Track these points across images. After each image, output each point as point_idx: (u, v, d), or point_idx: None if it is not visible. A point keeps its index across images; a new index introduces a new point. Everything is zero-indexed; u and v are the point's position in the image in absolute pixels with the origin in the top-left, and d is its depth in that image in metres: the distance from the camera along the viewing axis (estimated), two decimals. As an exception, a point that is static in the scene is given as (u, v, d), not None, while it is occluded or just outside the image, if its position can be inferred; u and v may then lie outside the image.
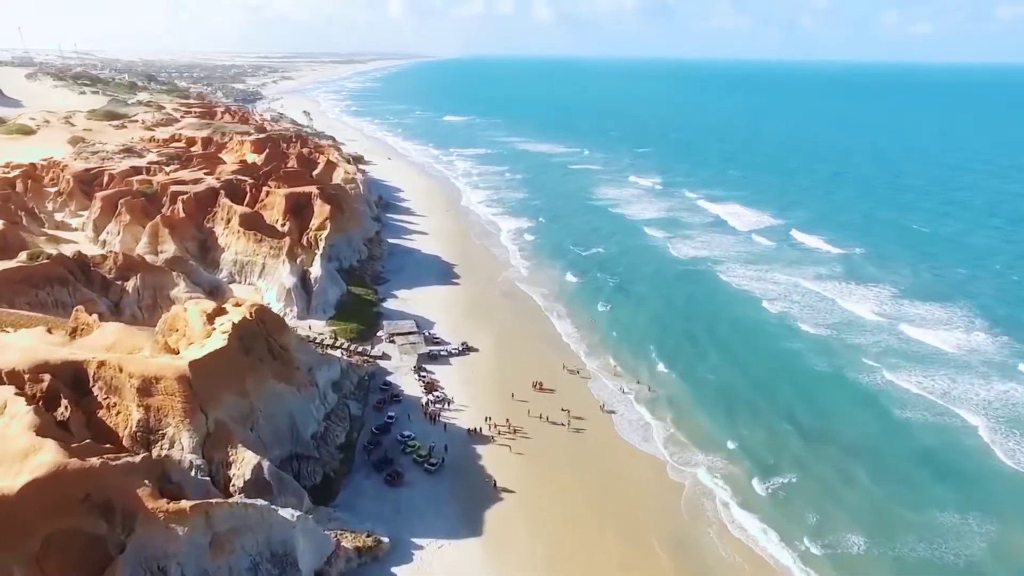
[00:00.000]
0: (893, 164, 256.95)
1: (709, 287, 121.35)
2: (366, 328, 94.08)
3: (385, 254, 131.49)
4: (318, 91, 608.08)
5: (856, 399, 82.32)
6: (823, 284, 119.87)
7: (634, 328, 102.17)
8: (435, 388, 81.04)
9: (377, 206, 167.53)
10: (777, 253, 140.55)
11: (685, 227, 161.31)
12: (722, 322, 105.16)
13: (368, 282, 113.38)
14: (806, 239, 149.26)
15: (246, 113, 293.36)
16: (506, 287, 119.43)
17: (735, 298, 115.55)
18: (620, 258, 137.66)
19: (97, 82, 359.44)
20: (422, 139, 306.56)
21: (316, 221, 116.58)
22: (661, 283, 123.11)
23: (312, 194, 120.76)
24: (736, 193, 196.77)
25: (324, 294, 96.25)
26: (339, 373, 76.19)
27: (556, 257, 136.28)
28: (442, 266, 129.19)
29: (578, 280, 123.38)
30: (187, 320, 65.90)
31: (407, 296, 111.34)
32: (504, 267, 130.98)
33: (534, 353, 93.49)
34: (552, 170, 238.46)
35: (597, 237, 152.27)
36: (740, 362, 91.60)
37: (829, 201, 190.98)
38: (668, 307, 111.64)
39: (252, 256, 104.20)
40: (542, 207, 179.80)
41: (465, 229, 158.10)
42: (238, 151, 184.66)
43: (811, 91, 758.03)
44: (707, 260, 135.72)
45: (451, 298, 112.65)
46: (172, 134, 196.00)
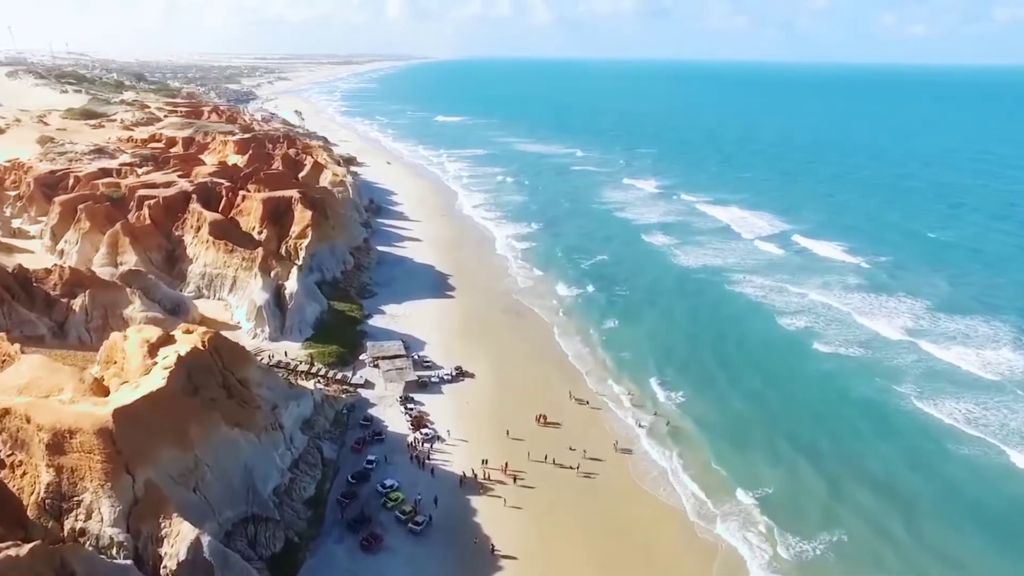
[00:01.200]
0: (894, 165, 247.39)
1: (719, 300, 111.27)
2: (347, 351, 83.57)
3: (373, 263, 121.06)
4: (314, 92, 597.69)
5: (886, 432, 72.70)
6: (836, 296, 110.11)
7: (645, 348, 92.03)
8: (424, 423, 70.59)
9: (368, 210, 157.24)
10: (785, 262, 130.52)
11: (689, 233, 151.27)
12: (736, 340, 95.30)
13: (353, 296, 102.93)
14: (813, 245, 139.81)
15: (235, 113, 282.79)
16: (505, 300, 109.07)
17: (747, 313, 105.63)
18: (625, 267, 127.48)
19: (83, 81, 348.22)
20: (418, 140, 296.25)
21: (296, 228, 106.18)
22: (669, 295, 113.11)
23: (293, 199, 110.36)
24: (738, 196, 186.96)
25: (301, 312, 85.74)
26: (311, 408, 65.75)
27: (557, 266, 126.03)
28: (435, 277, 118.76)
29: (582, 292, 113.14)
30: (125, 351, 55.47)
31: (396, 312, 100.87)
32: (502, 277, 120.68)
33: (536, 379, 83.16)
34: (551, 172, 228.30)
35: (600, 244, 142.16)
36: (760, 388, 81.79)
37: (832, 204, 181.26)
38: (679, 323, 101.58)
39: (222, 268, 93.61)
40: (541, 211, 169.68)
41: (461, 235, 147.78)
42: (221, 152, 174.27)
43: (809, 92, 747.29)
44: (714, 270, 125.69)
45: (444, 314, 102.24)
46: (152, 134, 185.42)
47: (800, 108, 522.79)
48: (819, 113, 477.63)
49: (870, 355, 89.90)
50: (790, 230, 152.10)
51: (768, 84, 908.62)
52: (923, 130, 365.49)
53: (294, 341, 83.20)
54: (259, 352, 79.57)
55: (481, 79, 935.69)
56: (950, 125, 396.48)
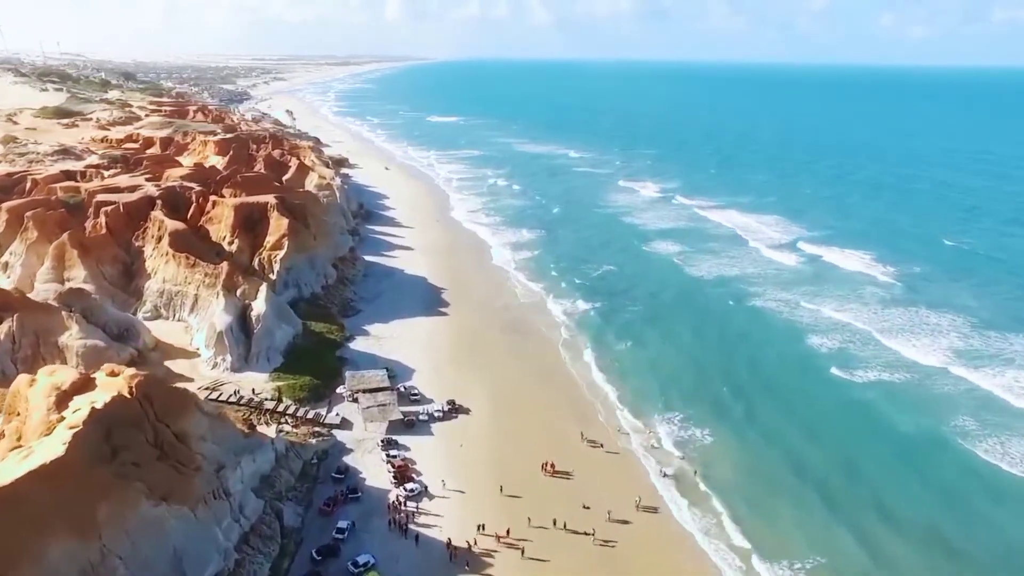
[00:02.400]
0: (896, 165, 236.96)
1: (733, 317, 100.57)
2: (323, 382, 72.22)
3: (359, 276, 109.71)
4: (310, 92, 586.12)
5: (931, 479, 62.89)
6: (854, 313, 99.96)
7: (661, 373, 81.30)
8: (408, 476, 59.26)
9: (357, 216, 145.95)
10: (797, 273, 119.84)
11: (695, 239, 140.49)
12: (758, 366, 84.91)
13: (334, 314, 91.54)
14: (824, 253, 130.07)
15: (222, 112, 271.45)
16: (504, 318, 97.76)
17: (764, 332, 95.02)
18: (632, 279, 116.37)
19: (67, 80, 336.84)
20: (414, 141, 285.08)
21: (271, 238, 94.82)
22: (681, 311, 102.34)
23: (268, 205, 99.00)
24: (741, 199, 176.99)
25: (269, 337, 74.35)
26: (271, 462, 54.43)
27: (560, 278, 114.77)
28: (427, 290, 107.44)
29: (590, 307, 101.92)
30: (28, 401, 44.20)
31: (382, 332, 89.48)
32: (501, 290, 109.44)
33: (542, 413, 71.96)
34: (551, 174, 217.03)
35: (603, 252, 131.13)
36: (796, 424, 71.61)
37: (838, 206, 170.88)
38: (695, 344, 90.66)
39: (183, 285, 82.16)
40: (540, 216, 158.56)
41: (455, 243, 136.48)
42: (200, 153, 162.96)
43: (808, 93, 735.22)
44: (725, 282, 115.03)
45: (437, 334, 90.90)
46: (129, 134, 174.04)
47: (799, 109, 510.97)
48: (819, 114, 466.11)
49: (901, 383, 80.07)
50: (798, 236, 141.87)
51: (767, 85, 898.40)
52: (923, 131, 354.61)
53: (260, 371, 71.76)
54: (217, 386, 68.26)
55: (480, 80, 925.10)
56: (950, 126, 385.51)
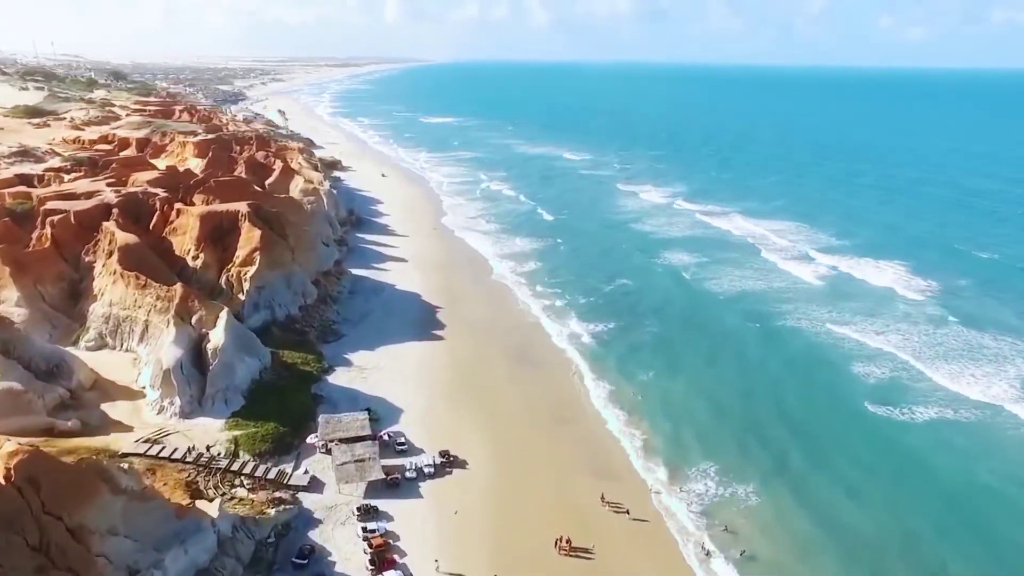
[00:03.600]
0: (902, 167, 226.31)
1: (765, 341, 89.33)
2: (291, 429, 60.42)
3: (344, 293, 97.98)
4: (308, 93, 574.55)
5: None
6: (892, 340, 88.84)
7: (692, 412, 70.42)
8: (389, 559, 47.45)
9: (345, 224, 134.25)
10: (821, 290, 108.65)
11: (709, 249, 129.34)
12: (800, 401, 74.04)
13: (312, 340, 79.80)
14: (844, 265, 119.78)
15: (211, 113, 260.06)
16: (507, 342, 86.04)
17: (802, 360, 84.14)
18: (647, 294, 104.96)
19: (52, 79, 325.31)
20: (410, 143, 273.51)
21: (241, 253, 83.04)
22: (705, 333, 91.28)
23: (240, 214, 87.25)
24: (751, 204, 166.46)
25: (228, 373, 62.52)
26: (211, 551, 42.66)
27: (569, 293, 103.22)
28: (421, 310, 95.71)
29: (603, 329, 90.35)
30: None
31: (367, 362, 77.75)
32: (503, 309, 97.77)
33: (554, 466, 60.44)
34: (552, 177, 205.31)
35: (614, 264, 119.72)
36: (858, 478, 60.05)
37: (850, 212, 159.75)
38: (726, 373, 79.64)
39: (131, 309, 70.35)
40: (544, 224, 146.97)
41: (453, 253, 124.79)
42: (179, 155, 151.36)
43: (808, 94, 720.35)
44: (748, 299, 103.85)
45: (430, 363, 79.20)
46: (104, 134, 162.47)
47: (799, 110, 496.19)
48: (818, 115, 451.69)
49: (954, 424, 69.44)
50: (812, 245, 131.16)
51: (767, 86, 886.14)
52: (925, 132, 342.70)
53: (215, 417, 59.90)
54: (160, 436, 56.50)
55: (479, 81, 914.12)
56: (952, 127, 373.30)
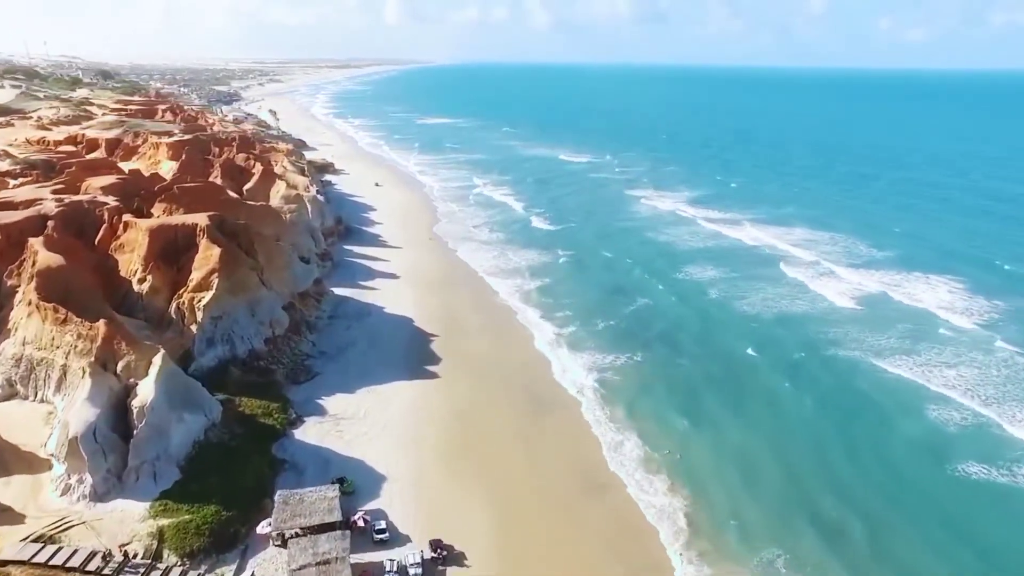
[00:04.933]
0: (915, 170, 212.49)
1: (812, 377, 75.75)
2: (237, 513, 46.76)
3: (324, 318, 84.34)
4: (305, 94, 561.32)
5: None
6: (950, 377, 74.89)
7: (741, 473, 57.74)
8: None
9: (332, 235, 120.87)
10: (860, 313, 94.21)
11: (729, 263, 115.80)
12: (866, 457, 60.83)
13: (278, 381, 66.17)
14: (873, 282, 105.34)
15: (198, 113, 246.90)
16: (514, 380, 72.45)
17: (858, 402, 70.65)
18: (671, 318, 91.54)
19: (34, 78, 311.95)
20: (407, 144, 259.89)
21: (196, 274, 69.48)
22: (743, 367, 78.15)
23: (199, 228, 73.69)
24: (763, 212, 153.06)
25: (159, 439, 48.89)
26: None
27: (584, 317, 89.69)
28: (413, 339, 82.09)
29: (626, 362, 77.00)
30: None
31: (344, 409, 64.19)
32: (508, 338, 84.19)
33: (577, 559, 46.79)
34: (557, 181, 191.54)
35: (630, 281, 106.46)
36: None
37: (870, 221, 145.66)
38: (774, 420, 67.00)
39: (48, 350, 56.62)
40: (550, 233, 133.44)
41: (451, 268, 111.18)
42: (152, 157, 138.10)
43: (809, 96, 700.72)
44: (788, 325, 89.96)
45: (422, 411, 65.58)
46: (72, 135, 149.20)
47: (800, 111, 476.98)
48: (820, 116, 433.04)
49: None
50: (839, 260, 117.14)
51: (769, 87, 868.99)
52: (931, 133, 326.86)
53: (139, 499, 46.18)
54: (59, 529, 42.86)
55: (479, 82, 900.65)
56: (958, 128, 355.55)
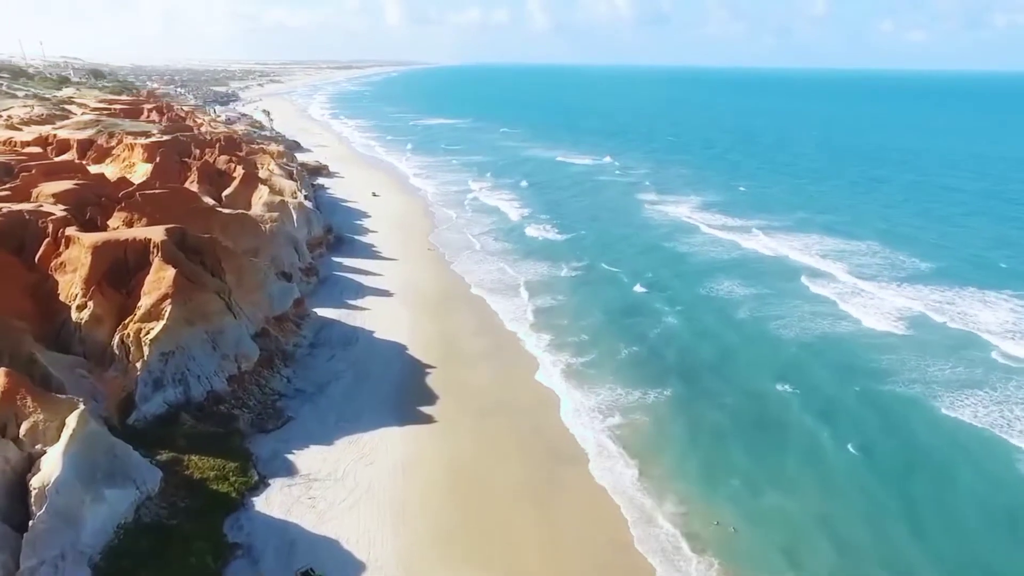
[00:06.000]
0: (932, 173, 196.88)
1: (868, 418, 62.55)
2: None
3: (303, 347, 73.04)
4: (305, 94, 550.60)
5: None
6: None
7: (796, 557, 45.18)
8: None
9: (321, 245, 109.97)
10: (920, 340, 79.19)
11: (755, 275, 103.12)
12: (963, 536, 48.00)
13: (242, 429, 54.96)
14: (912, 301, 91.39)
15: (188, 113, 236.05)
16: (523, 430, 61.03)
17: (932, 457, 57.10)
18: (695, 342, 79.35)
19: (20, 76, 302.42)
20: (407, 146, 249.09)
21: (146, 301, 58.31)
22: (798, 405, 64.99)
23: (152, 245, 62.55)
24: (783, 218, 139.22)
25: (66, 528, 37.62)
26: None
27: (600, 344, 77.81)
28: (406, 373, 70.74)
29: (654, 402, 65.34)
30: None
31: (319, 466, 52.91)
32: (514, 373, 72.64)
33: None
34: (563, 185, 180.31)
35: (647, 297, 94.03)
36: None
37: (892, 226, 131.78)
38: (834, 476, 54.36)
39: (-55, 403, 45.75)
40: (559, 243, 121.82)
41: (450, 284, 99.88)
42: (126, 159, 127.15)
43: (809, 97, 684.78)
44: (833, 353, 76.03)
45: (414, 471, 54.17)
46: (43, 135, 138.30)
47: (805, 112, 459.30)
48: (826, 117, 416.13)
49: None
50: (869, 274, 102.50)
51: (770, 89, 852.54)
52: (943, 134, 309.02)
53: (32, 616, 35.18)
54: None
55: (480, 83, 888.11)
56: (969, 130, 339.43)
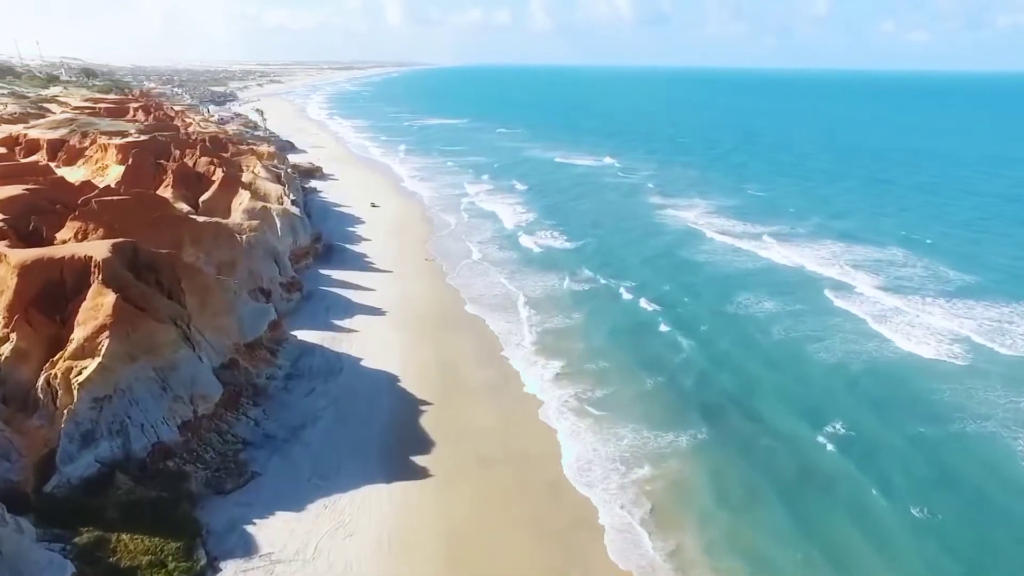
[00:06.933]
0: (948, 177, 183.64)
1: (924, 473, 51.25)
2: None
3: (277, 379, 62.94)
4: (303, 94, 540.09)
5: None
6: None
7: None
8: None
9: (308, 255, 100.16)
10: (977, 370, 68.27)
11: (775, 290, 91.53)
12: None
13: (193, 491, 45.03)
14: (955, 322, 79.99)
15: (178, 112, 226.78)
16: (532, 487, 50.82)
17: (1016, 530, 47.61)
18: (712, 372, 68.52)
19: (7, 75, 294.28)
20: (406, 146, 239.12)
21: (80, 333, 48.48)
22: (824, 450, 54.51)
23: (93, 264, 52.67)
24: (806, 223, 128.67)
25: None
26: None
27: (615, 375, 67.26)
28: (397, 412, 60.58)
29: (682, 448, 55.24)
30: None
31: (286, 543, 42.72)
32: (522, 405, 62.72)
33: None
34: (563, 185, 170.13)
35: (659, 319, 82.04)
36: None
37: (912, 232, 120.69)
38: (900, 554, 43.62)
39: None
40: (567, 252, 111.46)
41: (449, 302, 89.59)
42: (99, 160, 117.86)
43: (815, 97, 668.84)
44: (867, 382, 65.31)
45: (405, 546, 44.07)
46: (13, 135, 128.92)
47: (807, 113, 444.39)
48: (828, 118, 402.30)
49: None
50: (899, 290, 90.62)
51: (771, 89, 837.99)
52: (952, 135, 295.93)
53: None
54: None
55: (481, 84, 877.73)
56: (977, 130, 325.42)
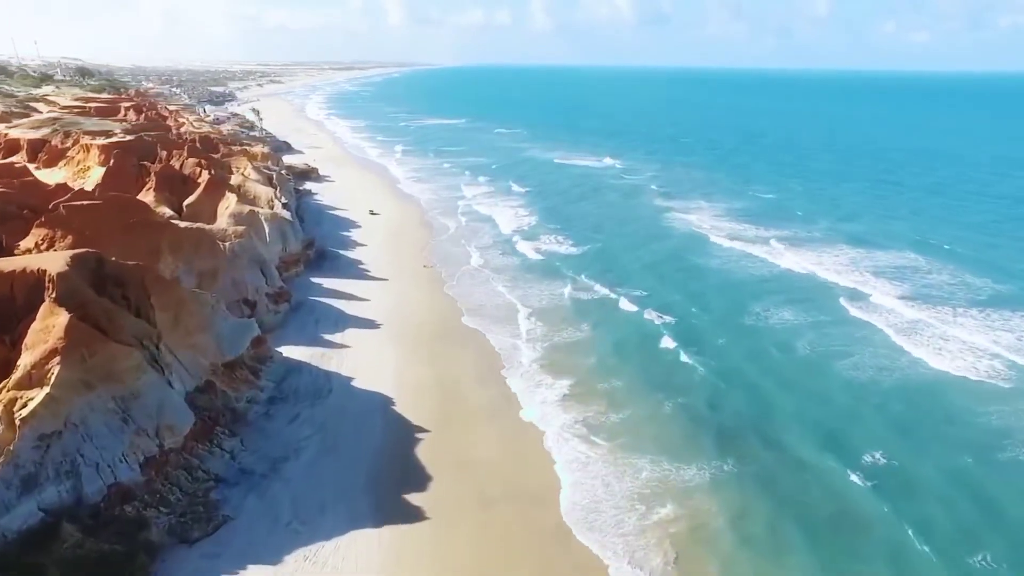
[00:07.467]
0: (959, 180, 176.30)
1: (982, 523, 44.98)
2: None
3: (258, 403, 57.14)
4: (302, 95, 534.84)
5: None
6: None
7: None
8: None
9: (298, 263, 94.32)
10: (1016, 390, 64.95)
11: (789, 300, 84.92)
12: None
13: (154, 541, 39.10)
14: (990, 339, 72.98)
15: (173, 112, 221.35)
16: (540, 536, 44.72)
17: None
18: (726, 397, 61.63)
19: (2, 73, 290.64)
20: (405, 147, 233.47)
21: (27, 359, 42.62)
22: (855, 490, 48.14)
23: (48, 278, 46.85)
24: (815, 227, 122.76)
25: None
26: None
27: (629, 400, 60.68)
28: (389, 441, 54.62)
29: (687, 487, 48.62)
30: None
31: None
32: (527, 433, 56.82)
33: None
34: (565, 187, 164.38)
35: (666, 332, 75.41)
36: None
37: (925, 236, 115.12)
38: None
39: None
40: (569, 256, 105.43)
41: (449, 314, 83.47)
42: (81, 161, 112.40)
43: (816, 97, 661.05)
44: (900, 408, 58.90)
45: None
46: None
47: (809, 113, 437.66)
48: (831, 118, 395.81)
49: None
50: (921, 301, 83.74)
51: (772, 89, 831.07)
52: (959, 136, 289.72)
53: None
54: None
55: (482, 84, 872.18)
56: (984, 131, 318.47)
